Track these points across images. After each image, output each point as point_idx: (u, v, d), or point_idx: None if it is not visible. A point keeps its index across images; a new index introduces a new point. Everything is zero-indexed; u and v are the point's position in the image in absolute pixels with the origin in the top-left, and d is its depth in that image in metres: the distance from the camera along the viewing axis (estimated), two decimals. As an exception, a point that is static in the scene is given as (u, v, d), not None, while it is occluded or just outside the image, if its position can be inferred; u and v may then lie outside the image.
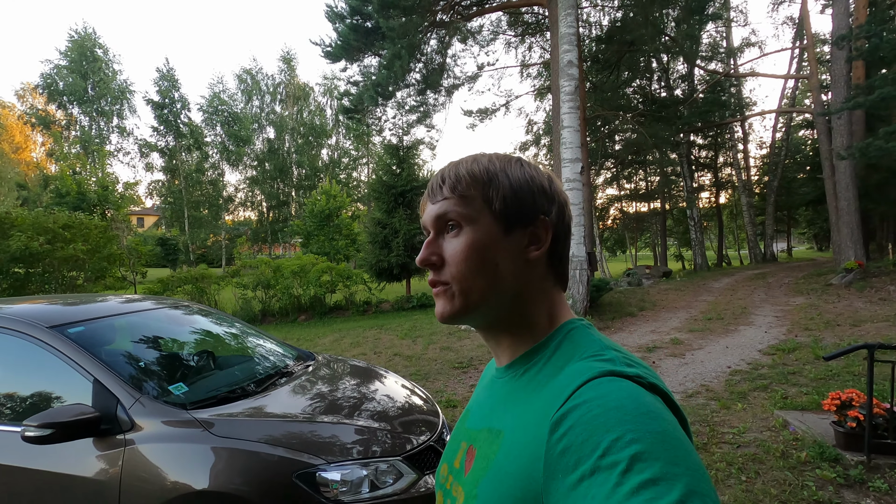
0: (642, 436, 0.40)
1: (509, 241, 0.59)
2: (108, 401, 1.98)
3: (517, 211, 0.59)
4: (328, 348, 8.08)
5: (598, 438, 0.41)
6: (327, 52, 12.97)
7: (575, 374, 0.50)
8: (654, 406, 0.44)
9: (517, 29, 16.66)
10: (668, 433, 0.41)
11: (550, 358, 0.57)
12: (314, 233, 21.20)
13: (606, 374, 0.47)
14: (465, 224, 0.59)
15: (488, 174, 0.60)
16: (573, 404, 0.45)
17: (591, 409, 0.44)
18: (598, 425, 0.42)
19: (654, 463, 0.38)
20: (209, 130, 34.41)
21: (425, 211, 0.64)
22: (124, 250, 13.56)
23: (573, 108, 8.29)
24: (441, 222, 0.61)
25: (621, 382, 0.46)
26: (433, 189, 0.62)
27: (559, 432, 0.45)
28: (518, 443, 0.50)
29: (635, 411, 0.42)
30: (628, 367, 0.50)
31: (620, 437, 0.40)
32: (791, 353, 5.61)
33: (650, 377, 0.49)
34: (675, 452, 0.39)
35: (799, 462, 3.00)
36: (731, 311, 9.01)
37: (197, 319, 3.14)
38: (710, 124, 20.52)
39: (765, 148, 27.61)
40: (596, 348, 0.54)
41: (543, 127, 22.55)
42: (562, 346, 0.57)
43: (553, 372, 0.54)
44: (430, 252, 0.61)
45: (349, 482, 1.90)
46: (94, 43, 32.75)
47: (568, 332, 0.59)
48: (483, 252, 0.58)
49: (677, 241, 30.36)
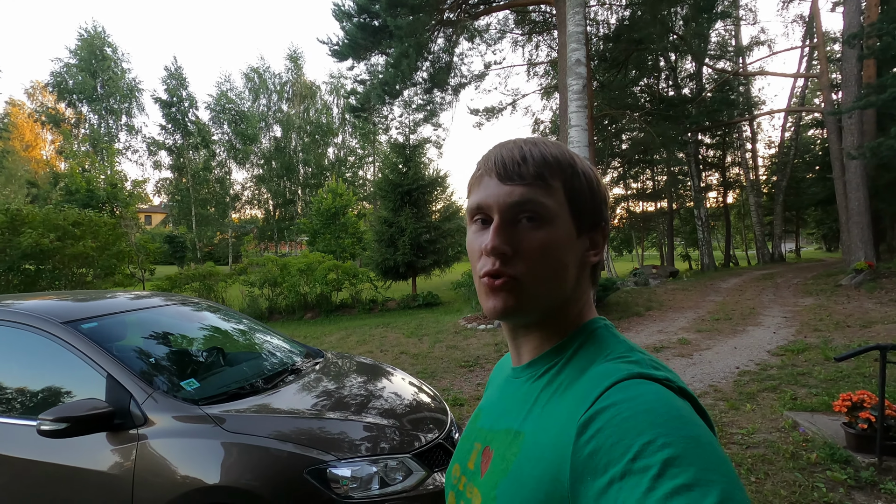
0: (675, 440, 0.39)
1: (578, 244, 0.57)
2: (121, 396, 2.00)
3: (591, 214, 0.57)
4: (335, 346, 8.11)
5: (629, 441, 0.40)
6: (334, 50, 12.98)
7: (602, 376, 0.49)
8: (686, 410, 0.43)
9: (524, 27, 16.61)
10: (701, 438, 0.40)
11: (572, 358, 0.55)
12: (320, 231, 21.25)
13: (635, 377, 0.46)
14: (548, 218, 0.54)
15: (570, 164, 0.56)
16: (601, 406, 0.44)
17: (620, 412, 0.43)
18: (629, 428, 0.41)
19: (688, 468, 0.37)
20: (216, 129, 34.57)
21: (487, 189, 0.56)
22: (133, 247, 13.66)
23: (581, 107, 8.26)
24: (517, 209, 0.54)
25: (651, 385, 0.45)
26: (508, 167, 0.54)
27: (587, 434, 0.43)
28: (541, 445, 0.49)
29: (667, 415, 0.41)
30: (655, 370, 0.49)
31: (652, 441, 0.39)
32: (800, 354, 5.57)
33: (677, 381, 0.48)
34: (710, 458, 0.38)
35: (809, 463, 2.98)
36: (740, 311, 8.95)
37: (206, 316, 3.16)
38: (719, 123, 20.36)
39: (774, 147, 27.41)
40: (622, 350, 0.53)
41: (550, 126, 22.46)
42: (584, 346, 0.56)
43: (576, 373, 0.53)
44: (503, 241, 0.53)
45: (359, 479, 1.91)
46: (103, 41, 32.99)
47: (592, 331, 0.58)
48: (560, 253, 0.55)
49: (684, 240, 30.16)
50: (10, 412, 2.17)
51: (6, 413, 2.17)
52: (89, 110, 33.36)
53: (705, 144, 24.13)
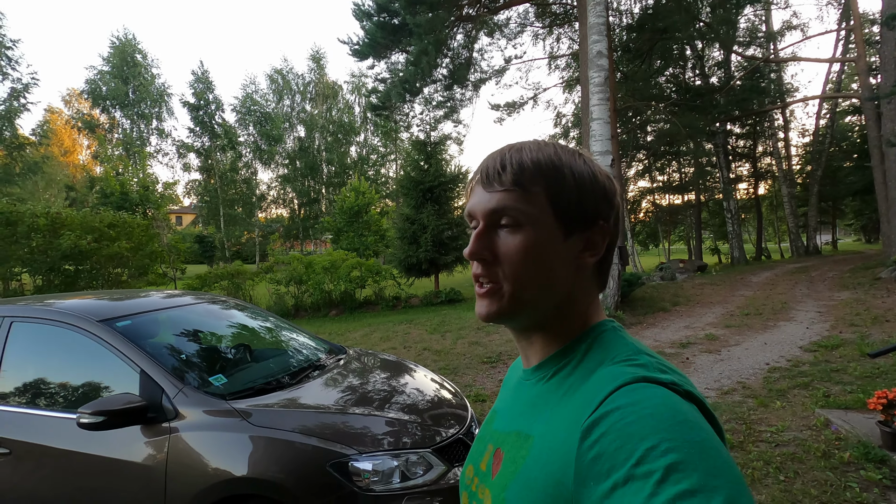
0: (679, 445, 0.38)
1: (567, 246, 0.56)
2: (153, 391, 2.09)
3: (580, 214, 0.56)
4: (358, 342, 8.22)
5: (633, 446, 0.40)
6: (355, 50, 13.10)
7: (606, 379, 0.48)
8: (691, 415, 0.43)
9: (545, 20, 16.41)
10: (706, 443, 0.39)
11: (581, 361, 0.55)
12: (344, 229, 21.52)
13: (640, 380, 0.46)
14: (525, 223, 0.55)
15: (554, 168, 0.56)
16: (605, 410, 0.44)
17: (624, 416, 0.42)
18: (632, 433, 0.41)
19: (692, 473, 0.36)
20: (242, 130, 35.29)
21: (475, 196, 0.58)
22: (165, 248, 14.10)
23: (603, 100, 8.13)
24: (496, 216, 0.56)
25: (656, 389, 0.45)
26: (489, 174, 0.56)
27: (591, 439, 0.43)
28: (548, 448, 0.49)
29: (671, 419, 0.41)
30: (662, 373, 0.48)
31: (656, 446, 0.38)
32: (835, 350, 5.39)
33: (685, 384, 0.48)
34: (714, 463, 0.38)
35: (842, 462, 2.89)
36: (771, 306, 8.69)
37: (234, 314, 3.26)
38: (749, 112, 19.73)
39: (808, 136, 26.38)
40: (628, 352, 0.52)
41: (572, 119, 22.18)
42: (592, 348, 0.56)
43: (584, 376, 0.53)
44: (481, 246, 0.56)
45: (380, 472, 1.94)
46: (133, 48, 34.04)
47: (599, 334, 0.57)
48: (541, 255, 0.55)
49: (713, 234, 29.37)
50: (53, 406, 2.30)
51: (49, 406, 2.29)
52: (122, 115, 34.51)
53: (734, 134, 23.42)
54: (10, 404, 2.31)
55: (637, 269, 19.08)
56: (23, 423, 2.22)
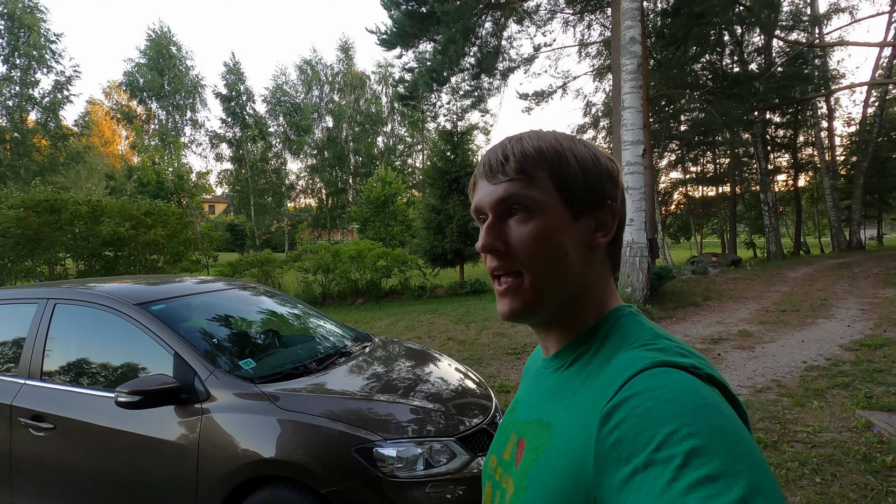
0: (699, 430, 0.38)
1: (578, 228, 0.56)
2: (186, 372, 2.15)
3: (587, 195, 0.56)
4: (384, 331, 8.31)
5: (652, 432, 0.39)
6: (383, 39, 13.09)
7: (625, 365, 0.48)
8: (712, 399, 0.42)
9: (576, 6, 16.01)
10: (727, 427, 0.39)
11: (600, 348, 0.55)
12: (370, 219, 21.71)
13: (659, 365, 0.45)
14: (533, 208, 0.55)
15: (557, 153, 0.56)
16: (624, 396, 0.44)
17: (643, 402, 0.42)
18: (652, 418, 0.40)
19: (713, 458, 0.36)
20: (272, 121, 35.88)
21: (480, 190, 0.59)
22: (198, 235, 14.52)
23: (635, 88, 7.90)
24: (504, 205, 0.56)
25: (675, 373, 0.44)
26: (492, 167, 0.57)
27: (610, 424, 0.43)
28: (568, 435, 0.49)
29: (691, 404, 0.40)
30: (682, 356, 0.47)
31: (676, 431, 0.38)
32: (878, 350, 5.14)
33: (706, 367, 0.47)
34: (736, 448, 0.37)
35: (884, 466, 2.77)
36: (809, 302, 8.36)
37: (263, 300, 3.33)
38: (790, 100, 18.84)
39: (853, 125, 25.05)
40: (646, 337, 0.52)
41: (602, 108, 21.66)
42: (610, 334, 0.55)
43: (603, 362, 0.52)
44: (493, 237, 0.56)
45: (404, 459, 1.96)
46: (169, 41, 34.94)
47: (616, 319, 0.57)
48: (554, 239, 0.55)
49: (748, 227, 28.38)
50: (93, 384, 2.40)
51: (90, 385, 2.40)
52: (158, 107, 35.57)
53: (774, 124, 22.46)
54: (55, 382, 2.42)
55: (667, 262, 18.64)
56: (66, 400, 2.33)
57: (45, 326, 2.52)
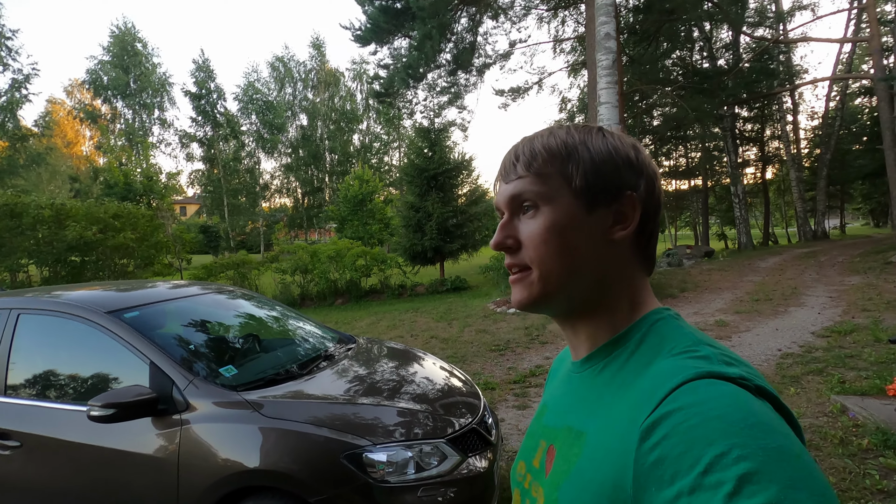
0: (752, 452, 0.35)
1: (592, 221, 0.54)
2: (163, 382, 2.06)
3: (600, 187, 0.54)
4: (365, 331, 8.22)
5: (699, 452, 0.36)
6: (357, 35, 12.91)
7: (666, 375, 0.45)
8: (766, 415, 0.39)
9: (550, 2, 16.09)
10: (784, 449, 0.35)
11: (634, 352, 0.52)
12: (348, 218, 21.49)
13: (704, 376, 0.42)
14: (542, 204, 0.55)
15: (566, 148, 0.56)
16: (666, 410, 0.41)
17: (688, 418, 0.39)
18: (698, 437, 0.37)
19: (769, 485, 0.33)
20: (245, 119, 35.14)
21: (498, 191, 0.60)
22: (170, 238, 14.13)
23: (611, 83, 7.98)
24: (516, 203, 0.57)
25: (723, 386, 0.41)
26: (506, 167, 0.59)
27: (651, 441, 0.40)
28: (603, 448, 0.47)
29: (742, 422, 0.37)
30: (728, 365, 0.44)
31: (726, 453, 0.35)
32: (848, 336, 5.32)
33: (756, 379, 0.43)
34: (795, 473, 0.34)
35: (860, 449, 2.85)
36: (781, 291, 8.61)
37: (241, 304, 3.23)
38: (757, 95, 19.38)
39: (817, 119, 25.97)
40: (687, 342, 0.49)
41: (578, 104, 21.88)
42: (647, 338, 0.52)
43: (638, 369, 0.50)
44: (504, 235, 0.57)
45: (395, 463, 1.92)
46: (133, 37, 33.82)
47: (654, 322, 0.54)
48: (563, 234, 0.54)
49: (720, 219, 29.14)
50: (63, 398, 2.28)
51: (59, 399, 2.28)
52: (124, 106, 34.43)
53: (742, 118, 23.07)
54: (20, 397, 2.29)
55: (643, 255, 18.92)
56: (34, 415, 2.20)
57: (7, 338, 2.38)
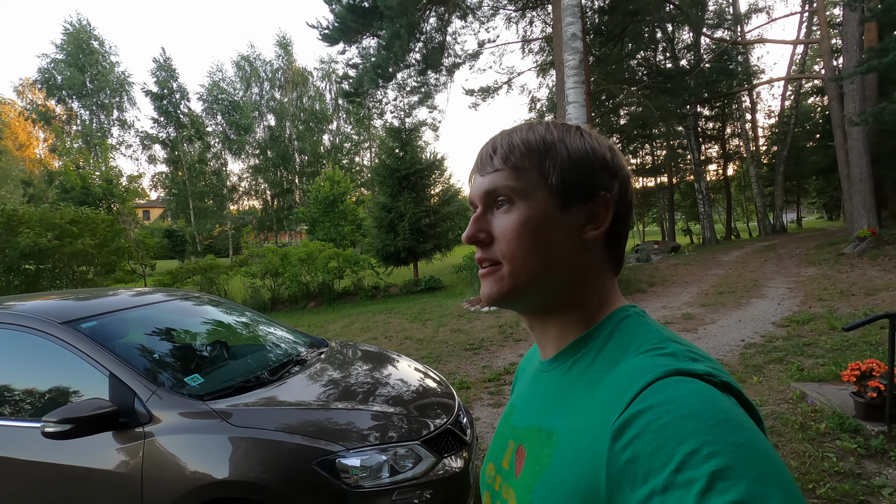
0: (722, 448, 0.35)
1: (565, 219, 0.54)
2: (125, 394, 1.98)
3: (575, 186, 0.54)
4: (339, 334, 8.12)
5: (671, 450, 0.36)
6: (325, 34, 12.74)
7: (635, 373, 0.45)
8: (733, 412, 0.39)
9: (517, 3, 16.25)
10: (752, 444, 0.36)
11: (602, 350, 0.52)
12: (319, 219, 21.18)
13: (673, 374, 0.42)
14: (517, 199, 0.54)
15: (545, 144, 0.55)
16: (637, 409, 0.41)
17: (659, 416, 0.39)
18: (669, 435, 0.37)
19: (739, 481, 0.33)
20: (210, 120, 34.23)
21: (473, 184, 0.59)
22: (132, 243, 13.62)
23: (578, 83, 8.11)
24: (491, 197, 0.56)
25: (691, 383, 0.41)
26: (483, 160, 0.58)
27: (623, 440, 0.40)
28: (574, 448, 0.46)
29: (712, 419, 0.37)
30: (694, 361, 0.45)
31: (697, 450, 0.35)
32: (806, 325, 5.56)
33: (721, 374, 0.44)
34: (763, 468, 0.35)
35: (818, 434, 2.98)
36: (743, 283, 8.94)
37: (208, 310, 3.14)
38: (718, 95, 20.07)
39: (773, 117, 27.12)
40: (654, 340, 0.49)
41: (547, 104, 22.17)
42: (614, 336, 0.53)
43: (606, 367, 0.50)
44: (477, 228, 0.57)
45: (369, 468, 1.90)
46: (89, 35, 32.45)
47: (620, 320, 0.54)
48: (536, 230, 0.54)
49: (685, 215, 30.06)
50: (15, 415, 2.16)
51: (12, 416, 2.15)
52: (80, 106, 33.00)
53: (704, 117, 23.85)
54: (-32, 415, 2.16)
55: (613, 251, 19.32)
56: (-17, 434, 2.08)
57: (-47, 353, 2.24)
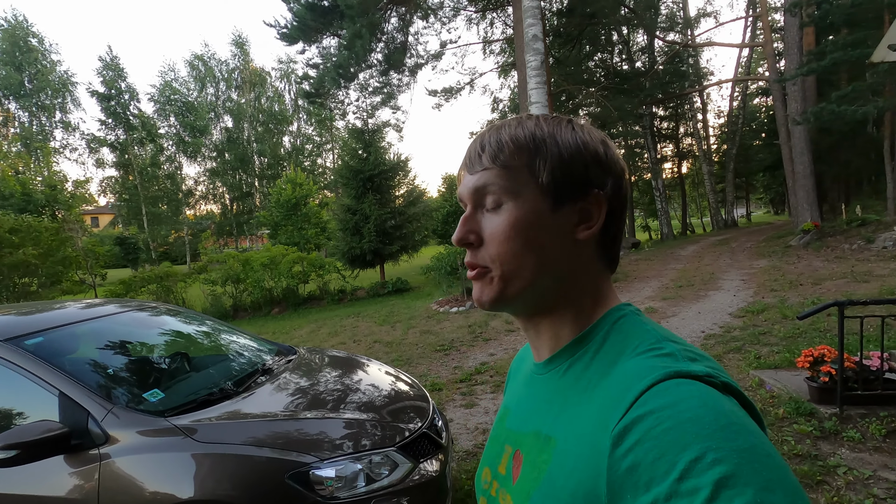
0: (727, 455, 0.34)
1: (557, 219, 0.52)
2: (77, 414, 1.85)
3: (567, 184, 0.52)
4: (305, 340, 7.94)
5: (673, 457, 0.35)
6: (283, 33, 12.44)
7: (634, 376, 0.43)
8: (735, 415, 0.38)
9: (478, 4, 16.37)
10: (756, 449, 0.35)
11: (598, 351, 0.51)
12: (282, 223, 20.69)
13: (673, 376, 0.41)
14: (507, 199, 0.52)
15: (535, 140, 0.53)
16: (638, 414, 0.39)
17: (660, 421, 0.38)
18: (671, 441, 0.36)
19: (745, 489, 0.32)
20: (162, 121, 32.83)
21: (461, 182, 0.57)
22: (80, 252, 12.89)
23: (540, 84, 8.22)
24: (479, 196, 0.54)
25: (692, 386, 0.40)
26: (471, 157, 0.56)
27: (624, 446, 0.39)
28: (574, 454, 0.45)
29: (714, 423, 0.36)
30: (692, 361, 0.44)
31: (700, 457, 0.34)
32: (760, 315, 5.83)
33: (721, 375, 0.43)
34: (768, 474, 0.34)
35: (777, 419, 3.11)
36: (700, 277, 9.29)
37: (166, 320, 3.00)
38: (671, 95, 20.87)
39: (723, 117, 28.40)
40: (651, 340, 0.48)
41: (509, 104, 22.44)
42: (610, 336, 0.51)
43: (603, 368, 0.48)
44: (466, 230, 0.54)
45: (344, 478, 1.85)
46: (26, 32, 30.56)
47: (616, 320, 0.53)
48: (527, 231, 0.52)
49: (644, 211, 31.07)
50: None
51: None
52: (18, 107, 31.01)
53: (659, 116, 24.75)
54: None
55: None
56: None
57: None
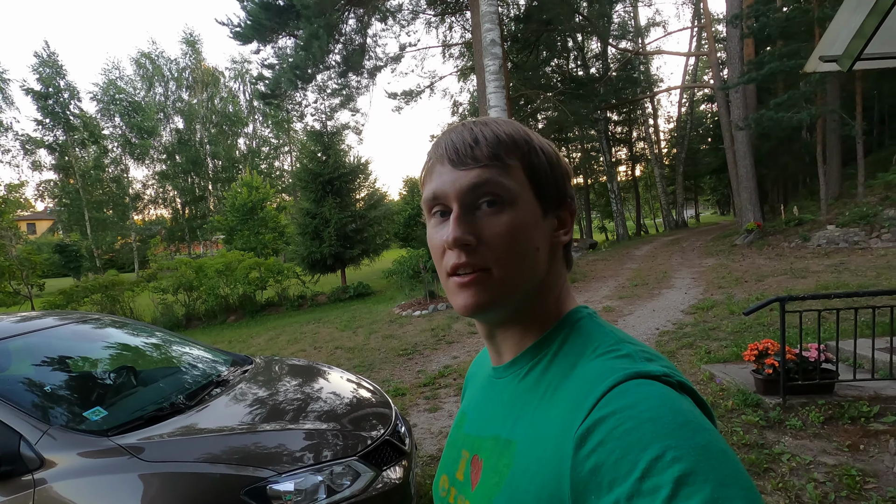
0: (685, 452, 0.35)
1: (546, 224, 0.53)
2: (6, 438, 1.71)
3: (553, 192, 0.54)
4: (263, 348, 7.70)
5: (635, 457, 0.36)
6: (237, 32, 12.07)
7: (594, 378, 0.44)
8: (692, 414, 0.39)
9: (437, 8, 16.44)
10: (711, 446, 0.36)
11: (558, 353, 0.51)
12: (237, 228, 20.00)
13: (632, 377, 0.42)
14: (509, 200, 0.50)
15: (527, 142, 0.53)
16: (599, 416, 0.40)
17: (622, 422, 0.38)
18: (633, 441, 0.37)
19: (703, 485, 0.33)
20: (106, 122, 31.12)
21: (441, 177, 0.52)
22: (14, 261, 12.03)
23: (499, 88, 8.34)
24: (474, 194, 0.50)
25: (651, 386, 0.41)
26: (459, 151, 0.51)
27: (587, 448, 0.39)
28: (536, 457, 0.45)
29: (672, 423, 0.37)
30: (649, 361, 0.45)
31: (660, 456, 0.35)
32: (709, 311, 6.10)
33: (676, 374, 0.44)
34: (724, 470, 0.35)
35: (727, 410, 3.26)
36: (654, 276, 9.65)
37: (110, 333, 2.83)
38: (624, 101, 21.63)
39: (672, 122, 29.72)
40: (609, 342, 0.48)
41: (469, 108, 22.64)
42: (570, 339, 0.51)
43: (564, 371, 0.48)
44: (466, 230, 0.49)
45: (303, 491, 1.79)
46: (-49, 24, 28.30)
47: (575, 322, 0.53)
48: (530, 235, 0.51)
49: (600, 213, 32.01)
50: None
51: None
52: (-59, 106, 28.64)
53: (613, 121, 25.61)
54: None
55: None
56: None
57: None
